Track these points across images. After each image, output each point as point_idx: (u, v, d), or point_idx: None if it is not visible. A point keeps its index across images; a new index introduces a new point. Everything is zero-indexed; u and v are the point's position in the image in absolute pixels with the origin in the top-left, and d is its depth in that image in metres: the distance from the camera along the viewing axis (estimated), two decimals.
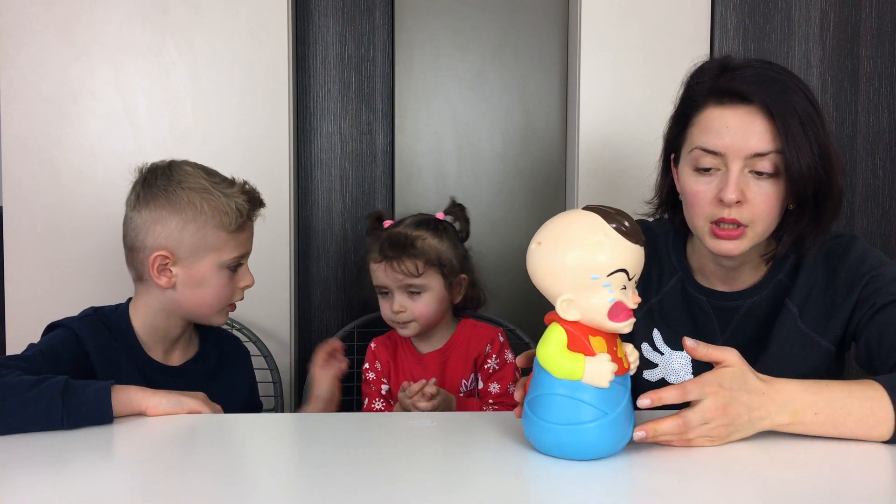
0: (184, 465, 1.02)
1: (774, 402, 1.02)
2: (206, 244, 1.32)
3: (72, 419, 1.09)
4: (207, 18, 1.99)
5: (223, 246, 1.33)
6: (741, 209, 1.19)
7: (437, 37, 2.20)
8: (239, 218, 1.33)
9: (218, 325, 1.41)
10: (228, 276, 1.35)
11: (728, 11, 2.10)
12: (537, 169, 2.24)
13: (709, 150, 1.19)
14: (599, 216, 0.97)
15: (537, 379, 0.99)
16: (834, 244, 1.28)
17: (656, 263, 1.38)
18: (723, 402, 1.00)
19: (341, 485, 0.93)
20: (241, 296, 1.40)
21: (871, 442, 1.04)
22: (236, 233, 1.34)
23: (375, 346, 1.74)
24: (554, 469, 0.97)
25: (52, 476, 0.97)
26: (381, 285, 1.65)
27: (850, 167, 2.15)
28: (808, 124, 1.17)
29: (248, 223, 1.37)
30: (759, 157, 1.17)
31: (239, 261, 1.37)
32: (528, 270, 0.99)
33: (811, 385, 1.04)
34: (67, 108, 1.98)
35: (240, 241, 1.36)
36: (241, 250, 1.36)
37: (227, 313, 1.40)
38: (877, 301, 1.19)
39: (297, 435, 1.12)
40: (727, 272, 1.31)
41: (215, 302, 1.36)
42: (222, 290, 1.36)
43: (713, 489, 0.93)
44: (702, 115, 1.22)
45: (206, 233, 1.32)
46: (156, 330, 1.38)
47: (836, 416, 1.02)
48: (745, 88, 1.18)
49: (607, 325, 0.97)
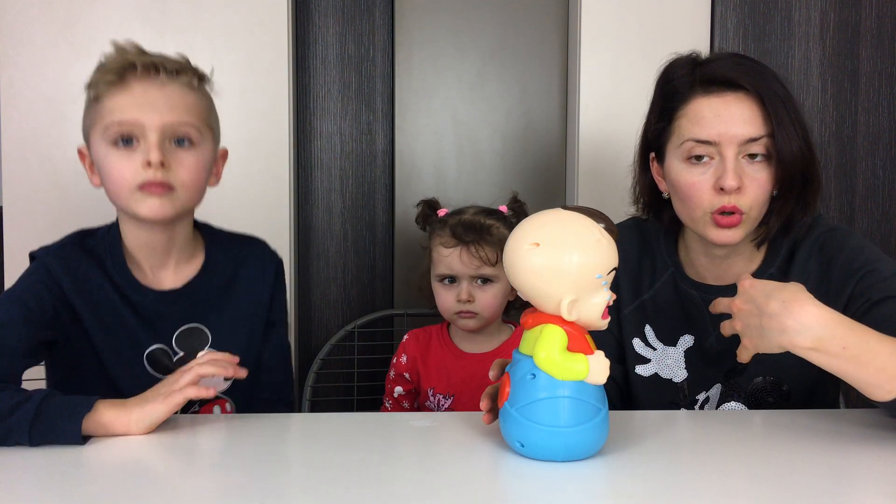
0: (182, 464, 1.01)
1: (794, 317, 1.00)
2: (89, 122, 1.17)
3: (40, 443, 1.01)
4: (207, 18, 1.99)
5: (98, 117, 1.15)
6: (740, 196, 1.20)
7: (437, 37, 2.20)
8: (107, 77, 1.14)
9: (146, 216, 1.16)
10: (120, 153, 1.14)
11: (728, 11, 2.10)
12: (537, 169, 2.23)
13: (702, 140, 1.20)
14: (587, 216, 0.98)
15: (532, 385, 0.96)
16: (828, 237, 1.28)
17: (648, 260, 1.39)
18: (741, 299, 1.06)
19: (341, 485, 0.93)
20: (155, 176, 1.14)
21: (874, 399, 1.03)
22: (108, 98, 1.14)
23: (408, 338, 1.71)
24: (554, 469, 0.97)
25: (42, 483, 0.97)
26: (450, 273, 1.59)
27: (850, 167, 2.15)
28: (789, 106, 1.20)
29: (121, 84, 1.14)
30: (752, 142, 1.19)
31: (121, 129, 1.14)
32: (516, 271, 0.98)
33: (845, 320, 1.02)
34: (67, 108, 1.97)
35: (115, 107, 1.14)
36: (120, 116, 1.13)
37: (148, 200, 1.15)
38: (871, 296, 1.20)
39: (296, 435, 1.12)
40: (718, 265, 1.32)
41: (117, 187, 1.15)
42: (119, 171, 1.14)
43: (711, 483, 0.93)
44: (689, 106, 1.23)
45: (89, 109, 1.18)
46: (140, 245, 1.22)
47: (863, 357, 1.00)
48: (732, 75, 1.20)
49: (597, 323, 0.98)
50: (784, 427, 1.13)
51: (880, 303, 1.18)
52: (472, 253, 1.55)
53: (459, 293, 1.58)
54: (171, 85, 1.16)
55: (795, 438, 1.08)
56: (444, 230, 1.60)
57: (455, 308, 1.60)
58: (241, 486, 0.94)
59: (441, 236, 1.60)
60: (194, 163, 1.17)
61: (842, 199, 2.16)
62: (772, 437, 1.09)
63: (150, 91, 1.14)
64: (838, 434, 1.08)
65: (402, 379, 1.70)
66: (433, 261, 1.63)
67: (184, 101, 1.17)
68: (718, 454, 1.03)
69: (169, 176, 1.14)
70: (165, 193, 1.15)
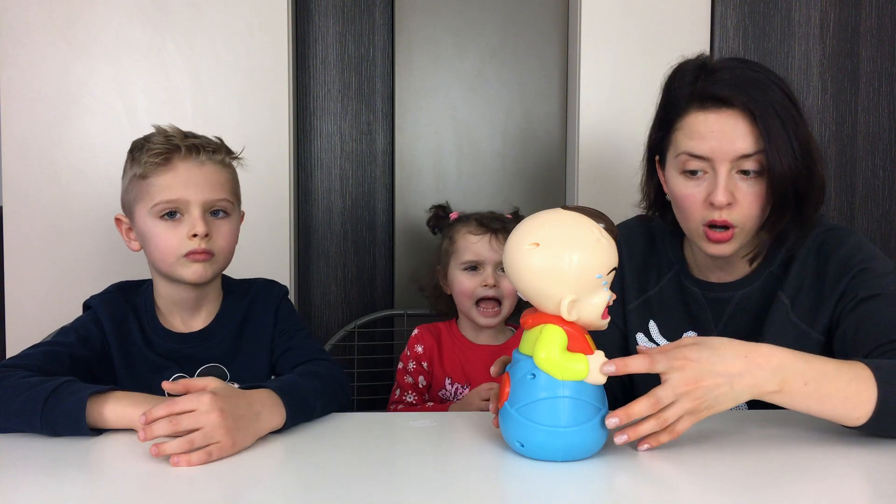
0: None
1: (762, 367, 0.99)
2: (135, 196, 1.31)
3: (52, 431, 1.09)
4: (207, 18, 1.99)
5: (146, 194, 1.29)
6: (731, 211, 1.21)
7: (437, 37, 2.20)
8: (153, 160, 1.28)
9: (192, 280, 1.31)
10: (167, 225, 1.29)
11: (728, 11, 2.10)
12: (537, 169, 2.23)
13: (695, 155, 1.21)
14: (587, 216, 0.98)
15: (532, 384, 0.97)
16: (828, 236, 1.29)
17: (654, 257, 1.40)
18: (693, 376, 0.96)
19: (341, 485, 0.93)
20: (199, 245, 1.29)
21: (845, 425, 1.03)
22: (155, 178, 1.28)
23: (419, 331, 1.76)
24: (554, 469, 0.97)
25: (45, 478, 0.97)
26: (477, 259, 1.69)
27: (850, 167, 2.15)
28: (787, 122, 1.19)
29: (167, 165, 1.29)
30: (744, 159, 1.19)
31: (169, 206, 1.29)
32: (516, 271, 0.98)
33: (801, 354, 1.02)
34: (67, 107, 1.98)
35: (163, 186, 1.28)
36: (168, 195, 1.28)
37: (192, 266, 1.30)
38: (859, 293, 1.20)
39: (296, 434, 1.12)
40: (721, 265, 1.33)
41: (163, 255, 1.30)
42: (166, 241, 1.29)
43: (710, 478, 0.93)
44: (685, 120, 1.23)
45: (133, 184, 1.31)
46: (169, 298, 1.37)
47: (824, 389, 1.00)
48: (726, 93, 1.19)
49: (597, 323, 0.98)
50: (784, 426, 1.13)
51: (867, 300, 1.19)
52: (500, 240, 1.67)
53: (485, 278, 1.67)
54: (208, 164, 1.32)
55: (796, 438, 1.08)
56: (469, 222, 1.72)
57: (478, 294, 1.68)
58: (241, 486, 0.94)
59: (468, 226, 1.71)
60: (228, 231, 1.34)
61: (842, 199, 2.16)
62: (772, 436, 1.09)
63: (192, 170, 1.30)
64: (839, 434, 1.08)
65: (422, 369, 1.73)
66: (457, 250, 1.71)
67: (219, 178, 1.33)
68: (718, 453, 1.03)
69: (210, 244, 1.31)
70: (207, 259, 1.31)
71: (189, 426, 1.00)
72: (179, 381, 1.09)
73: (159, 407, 1.02)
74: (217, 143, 1.36)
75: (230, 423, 1.02)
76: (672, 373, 0.97)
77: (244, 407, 1.06)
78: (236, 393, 1.08)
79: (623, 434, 0.98)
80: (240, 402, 1.06)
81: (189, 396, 1.03)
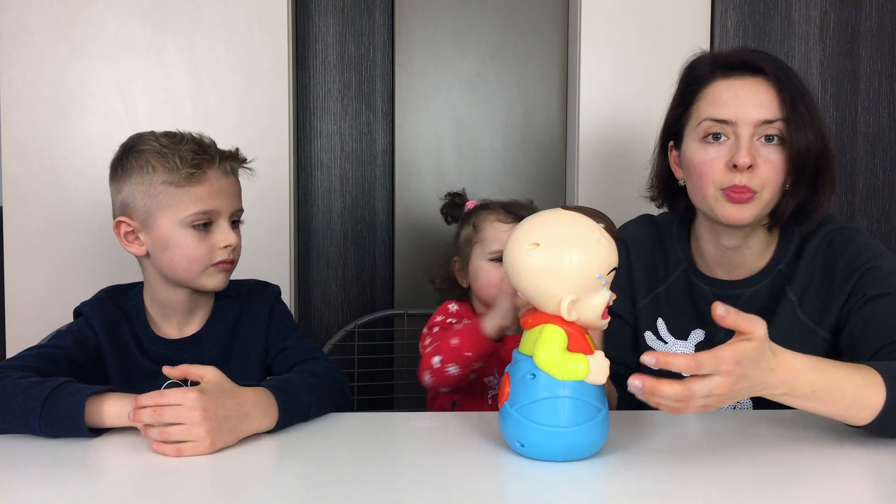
0: (184, 464, 1.01)
1: (778, 377, 0.98)
2: (157, 203, 1.27)
3: (51, 433, 1.09)
4: (207, 18, 1.99)
5: (177, 203, 1.27)
6: (752, 175, 1.22)
7: (437, 37, 2.20)
8: (187, 170, 1.26)
9: (213, 288, 1.32)
10: (197, 234, 1.28)
11: (728, 11, 2.10)
12: (537, 169, 2.24)
13: (719, 120, 1.24)
14: (587, 216, 0.98)
15: (532, 384, 0.97)
16: (837, 235, 1.30)
17: (662, 254, 1.41)
18: (733, 380, 0.94)
19: (341, 485, 0.93)
20: (228, 256, 1.30)
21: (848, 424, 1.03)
22: (189, 187, 1.26)
23: (448, 303, 1.63)
24: (554, 469, 0.97)
25: (45, 479, 0.97)
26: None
27: (850, 167, 2.15)
28: (808, 100, 1.24)
29: (202, 175, 1.27)
30: (767, 125, 1.22)
31: (204, 217, 1.28)
32: (516, 271, 0.98)
33: (816, 364, 1.01)
34: (67, 108, 1.98)
35: (197, 196, 1.27)
36: (202, 206, 1.27)
37: (218, 275, 1.31)
38: (868, 292, 1.21)
39: (296, 434, 1.12)
40: (730, 259, 1.33)
41: (190, 264, 1.28)
42: (194, 251, 1.28)
43: (711, 478, 0.93)
44: (709, 88, 1.27)
45: (156, 191, 1.27)
46: (162, 303, 1.35)
47: (830, 396, 1.00)
48: (753, 58, 1.25)
49: (597, 323, 0.98)
50: (788, 426, 1.13)
51: (875, 298, 1.20)
52: None
53: None
54: (232, 175, 1.33)
55: (799, 438, 1.08)
56: (496, 209, 1.62)
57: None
58: (241, 486, 0.94)
59: (495, 213, 1.61)
60: (240, 238, 1.35)
61: (842, 199, 2.16)
62: (775, 436, 1.09)
63: (221, 180, 1.30)
64: (844, 434, 1.08)
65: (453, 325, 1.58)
66: (483, 240, 1.59)
67: (238, 188, 1.35)
68: (722, 453, 1.03)
69: (234, 253, 1.32)
70: (231, 269, 1.33)
71: (171, 419, 1.02)
72: (179, 367, 1.11)
73: (148, 395, 1.05)
74: (236, 154, 1.36)
75: (212, 423, 1.03)
76: (717, 374, 0.93)
77: (231, 407, 1.06)
78: (227, 391, 1.08)
79: (638, 379, 0.91)
80: (228, 401, 1.06)
81: (178, 390, 1.05)
